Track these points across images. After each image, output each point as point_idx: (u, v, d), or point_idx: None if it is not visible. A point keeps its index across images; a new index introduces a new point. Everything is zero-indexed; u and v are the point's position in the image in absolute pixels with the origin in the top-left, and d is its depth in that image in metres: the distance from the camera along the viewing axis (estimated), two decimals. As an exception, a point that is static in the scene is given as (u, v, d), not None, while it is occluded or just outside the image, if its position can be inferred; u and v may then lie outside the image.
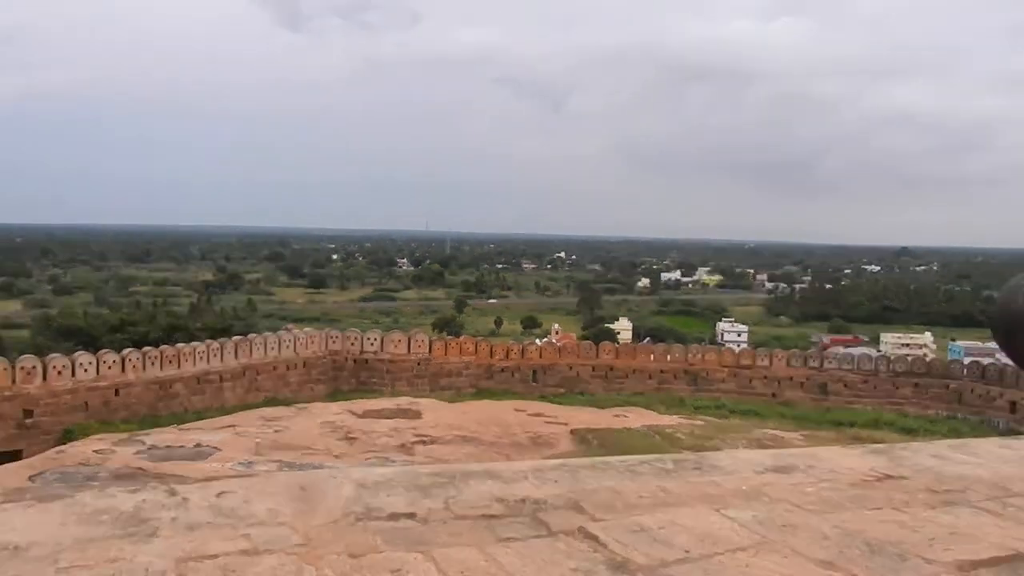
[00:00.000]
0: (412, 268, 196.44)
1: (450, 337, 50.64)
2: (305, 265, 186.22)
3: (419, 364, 42.57)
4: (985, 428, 38.04)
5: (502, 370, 43.94)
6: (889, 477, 3.69)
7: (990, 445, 4.42)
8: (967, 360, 44.77)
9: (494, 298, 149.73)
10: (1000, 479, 3.70)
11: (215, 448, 18.90)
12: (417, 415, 23.52)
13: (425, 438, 19.94)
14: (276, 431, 21.00)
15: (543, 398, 39.16)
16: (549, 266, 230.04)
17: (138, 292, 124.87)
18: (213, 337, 41.93)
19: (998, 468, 3.90)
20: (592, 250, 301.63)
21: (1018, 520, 3.13)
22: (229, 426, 22.25)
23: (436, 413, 23.96)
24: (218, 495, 3.11)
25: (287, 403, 31.36)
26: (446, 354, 43.36)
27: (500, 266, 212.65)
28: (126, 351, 35.27)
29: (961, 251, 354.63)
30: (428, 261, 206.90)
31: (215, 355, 37.68)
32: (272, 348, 40.26)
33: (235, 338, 40.25)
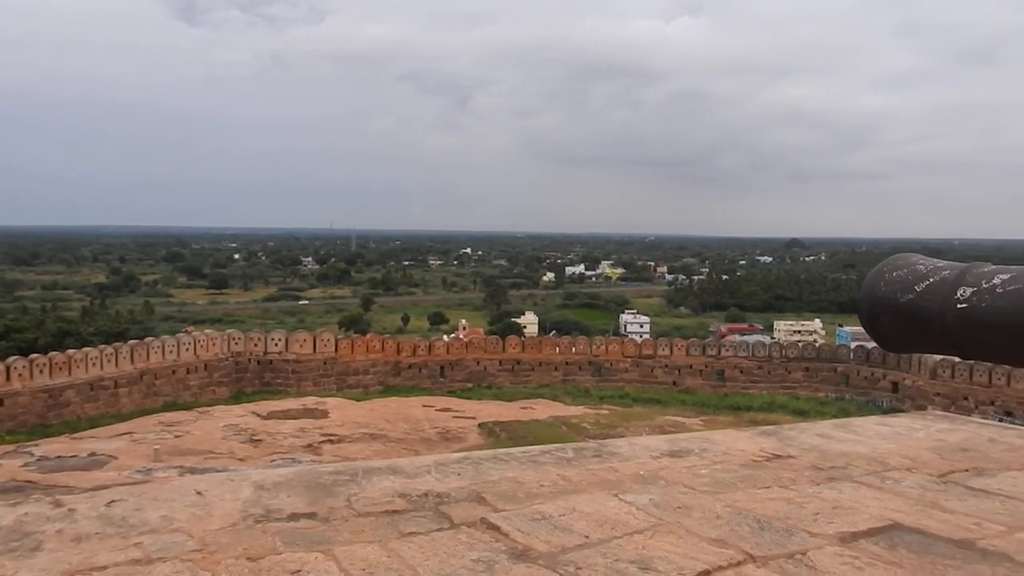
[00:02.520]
0: (317, 267, 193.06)
1: (357, 335, 50.05)
2: (205, 265, 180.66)
3: (325, 363, 41.90)
4: (870, 408, 39.96)
5: (410, 367, 43.68)
6: (777, 457, 3.84)
7: (870, 423, 4.65)
8: (853, 345, 46.94)
9: (401, 294, 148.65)
10: (878, 455, 3.89)
11: (111, 456, 18.15)
12: (324, 414, 23.14)
13: (332, 437, 19.65)
14: (176, 436, 20.33)
15: (451, 393, 39.13)
16: (455, 262, 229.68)
17: (25, 296, 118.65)
18: (107, 342, 40.27)
19: (877, 445, 4.10)
20: (498, 246, 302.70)
21: (895, 492, 3.29)
22: (126, 433, 21.42)
23: (343, 412, 23.64)
24: (108, 504, 2.99)
25: (188, 407, 30.37)
26: (353, 353, 42.81)
27: (406, 263, 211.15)
28: (11, 359, 33.57)
29: (847, 242, 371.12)
30: (333, 259, 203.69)
31: (109, 360, 36.21)
32: (171, 351, 38.95)
33: (131, 342, 38.79)
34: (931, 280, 2.08)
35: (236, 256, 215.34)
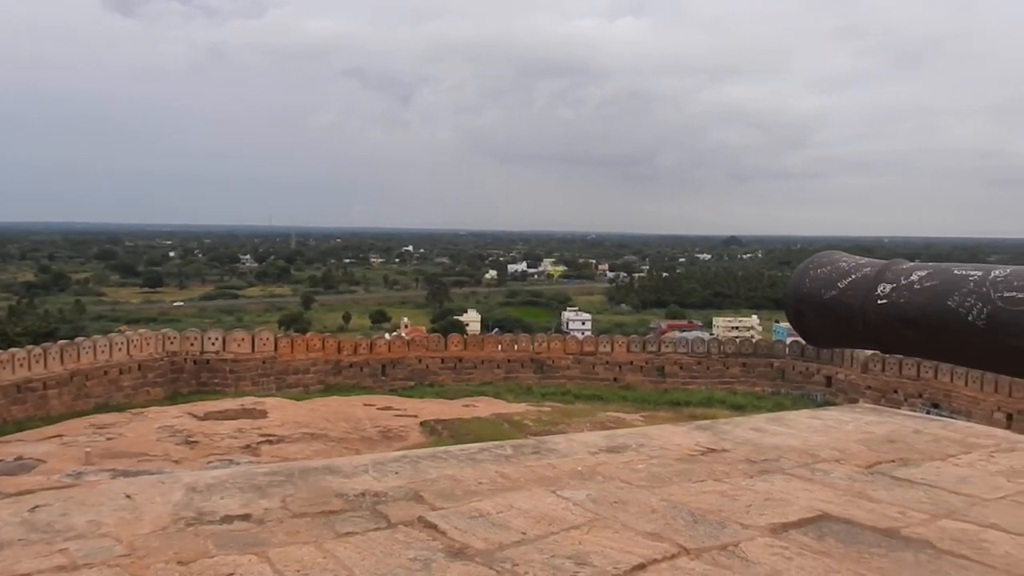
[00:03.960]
0: (256, 264, 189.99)
1: (297, 334, 49.41)
2: (140, 263, 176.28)
3: (264, 363, 41.27)
4: (805, 401, 40.94)
5: (351, 365, 43.29)
6: (713, 451, 3.90)
7: (802, 417, 4.76)
8: (789, 340, 47.90)
9: (342, 292, 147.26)
10: (809, 447, 3.99)
11: (39, 460, 17.60)
12: (263, 414, 22.79)
13: (271, 437, 19.37)
14: (109, 439, 19.81)
15: (393, 391, 38.93)
16: (397, 260, 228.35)
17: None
18: (35, 342, 39.00)
19: (808, 437, 4.20)
20: (440, 243, 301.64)
21: (824, 483, 3.38)
22: (55, 436, 20.79)
23: (283, 411, 23.32)
24: (32, 510, 2.90)
25: (121, 409, 29.62)
26: (292, 352, 42.25)
27: (348, 261, 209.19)
28: (-67, 361, 32.32)
29: (783, 239, 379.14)
30: (273, 257, 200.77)
31: (37, 361, 35.09)
32: (103, 351, 37.92)
33: (61, 342, 37.65)
34: (853, 277, 2.14)
35: (171, 254, 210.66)
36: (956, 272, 1.94)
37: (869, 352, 40.27)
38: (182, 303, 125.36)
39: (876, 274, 2.08)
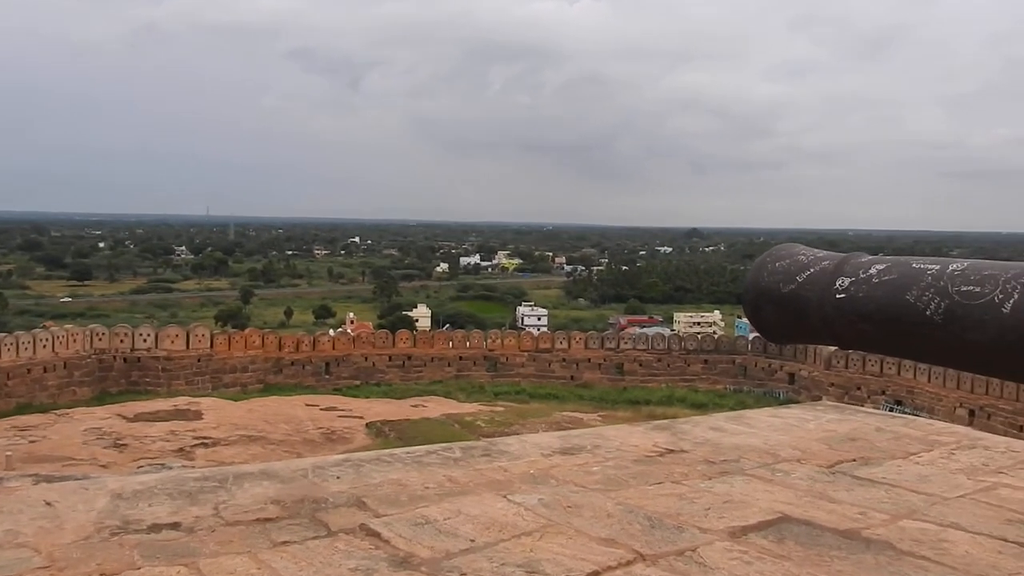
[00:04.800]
0: (191, 256, 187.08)
1: (235, 330, 48.79)
2: (67, 255, 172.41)
3: (200, 361, 40.68)
4: (767, 399, 41.61)
5: (292, 363, 42.89)
6: (671, 451, 3.93)
7: (763, 415, 4.83)
8: (752, 337, 48.52)
9: (283, 286, 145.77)
10: (770, 447, 4.05)
11: (-45, 466, 17.13)
12: (198, 416, 22.47)
13: (207, 440, 19.12)
14: (31, 441, 19.37)
15: (337, 391, 38.71)
16: (343, 252, 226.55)
17: None
18: (-49, 339, 37.96)
19: (769, 437, 4.26)
20: (388, 235, 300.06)
21: (785, 484, 3.43)
22: (-28, 440, 20.25)
23: (219, 412, 23.02)
24: (-59, 519, 2.81)
25: (45, 410, 28.97)
26: (230, 349, 41.72)
27: (290, 253, 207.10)
28: None
29: (746, 232, 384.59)
30: (210, 248, 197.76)
31: (-47, 359, 34.17)
32: (26, 348, 37.02)
33: (-21, 339, 36.68)
34: (812, 270, 2.17)
35: (101, 244, 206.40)
36: (915, 266, 1.98)
37: (832, 348, 41.09)
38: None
39: (835, 268, 2.12)
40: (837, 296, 2.05)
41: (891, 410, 35.55)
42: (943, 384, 38.52)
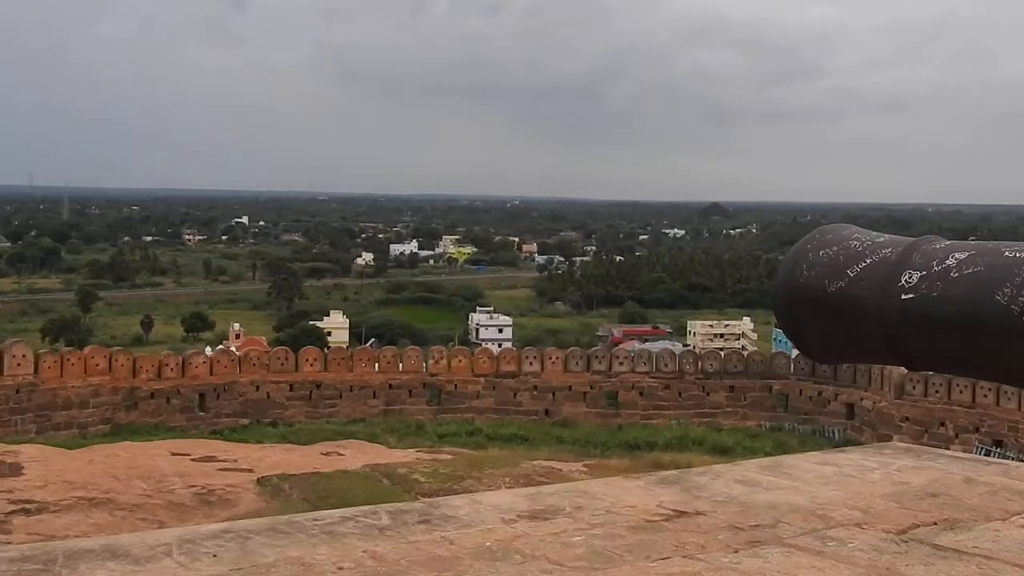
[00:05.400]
0: (8, 244, 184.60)
1: (70, 349, 48.18)
2: None
3: (19, 392, 40.16)
4: (817, 440, 41.94)
5: (153, 396, 42.47)
6: (682, 514, 3.94)
7: (809, 463, 4.86)
8: (795, 353, 48.53)
9: (140, 286, 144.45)
10: (818, 505, 4.07)
11: None
12: (15, 470, 22.18)
13: (28, 505, 18.85)
14: None
15: (216, 434, 38.32)
16: (224, 237, 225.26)
17: None
18: None
19: (817, 492, 4.29)
20: (290, 213, 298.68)
21: (839, 558, 3.45)
22: None
23: (47, 465, 22.73)
24: None
25: None
26: (63, 376, 41.21)
27: (149, 238, 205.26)
28: None
29: (785, 208, 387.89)
30: (34, 233, 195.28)
31: None
32: None
33: None
34: (868, 261, 2.18)
35: None
36: (1007, 254, 1.99)
37: (905, 369, 41.50)
38: None
39: (900, 258, 2.12)
40: (903, 296, 2.06)
41: (987, 454, 35.99)
42: (1058, 417, 39.05)
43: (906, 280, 2.05)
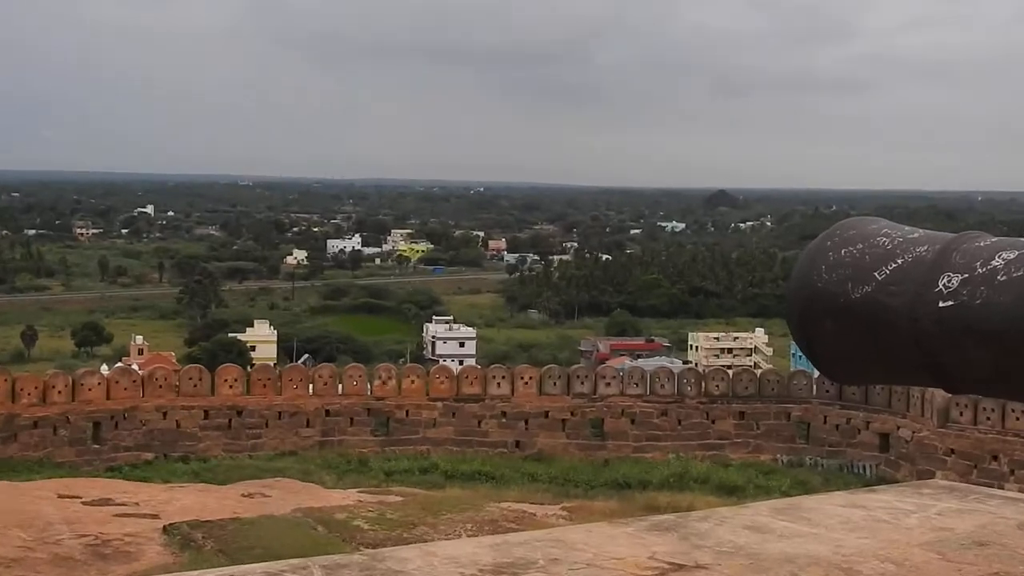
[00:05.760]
0: None
1: (-66, 367, 47.81)
2: None
3: None
4: (845, 477, 42.09)
5: (36, 424, 42.22)
6: (680, 567, 3.95)
7: (834, 505, 4.88)
8: (818, 373, 48.47)
9: (21, 290, 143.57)
10: (843, 557, 4.09)
11: None
12: None
13: None
14: None
15: (115, 471, 38.16)
16: (125, 230, 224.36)
17: None
18: None
19: (843, 540, 4.31)
20: (205, 202, 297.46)
21: (869, 622, 3.47)
22: None
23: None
24: None
25: None
26: (-75, 399, 40.94)
27: (32, 232, 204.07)
28: None
29: (807, 196, 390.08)
30: None
31: None
32: None
33: None
34: (899, 262, 2.18)
35: None
36: None
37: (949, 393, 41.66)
38: None
39: (937, 257, 2.12)
40: (940, 304, 2.06)
41: (1048, 493, 36.26)
42: None
43: (944, 284, 2.05)
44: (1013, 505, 5.02)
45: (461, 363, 69.29)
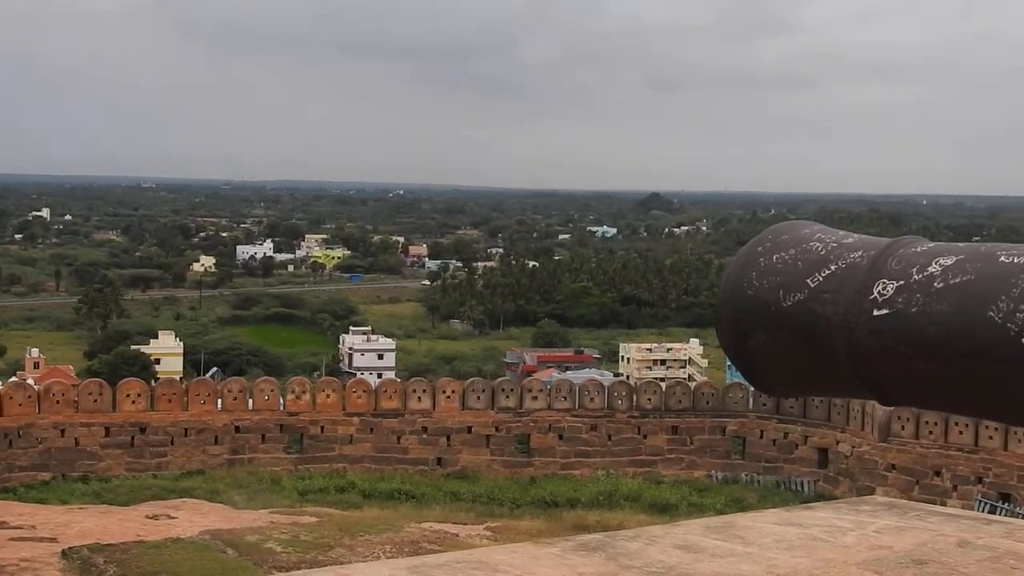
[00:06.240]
0: None
1: None
2: None
3: None
4: (783, 494, 42.37)
5: (-78, 443, 41.66)
6: (607, 589, 3.97)
7: (767, 523, 4.92)
8: (754, 384, 48.72)
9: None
10: (778, 578, 4.13)
11: None
12: None
13: None
14: None
15: (8, 492, 37.75)
16: (18, 236, 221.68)
17: None
18: None
19: (776, 559, 4.35)
20: (104, 205, 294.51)
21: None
22: None
23: None
24: None
25: None
26: None
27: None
28: None
29: (745, 199, 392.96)
30: None
31: None
32: None
33: None
34: (833, 268, 2.20)
35: None
36: (1004, 259, 2.01)
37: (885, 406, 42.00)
38: None
39: (872, 264, 2.14)
40: (875, 313, 2.08)
41: (991, 510, 36.68)
42: (1080, 463, 39.76)
43: (879, 292, 2.06)
44: (953, 522, 5.09)
45: (380, 376, 69.04)
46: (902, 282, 2.08)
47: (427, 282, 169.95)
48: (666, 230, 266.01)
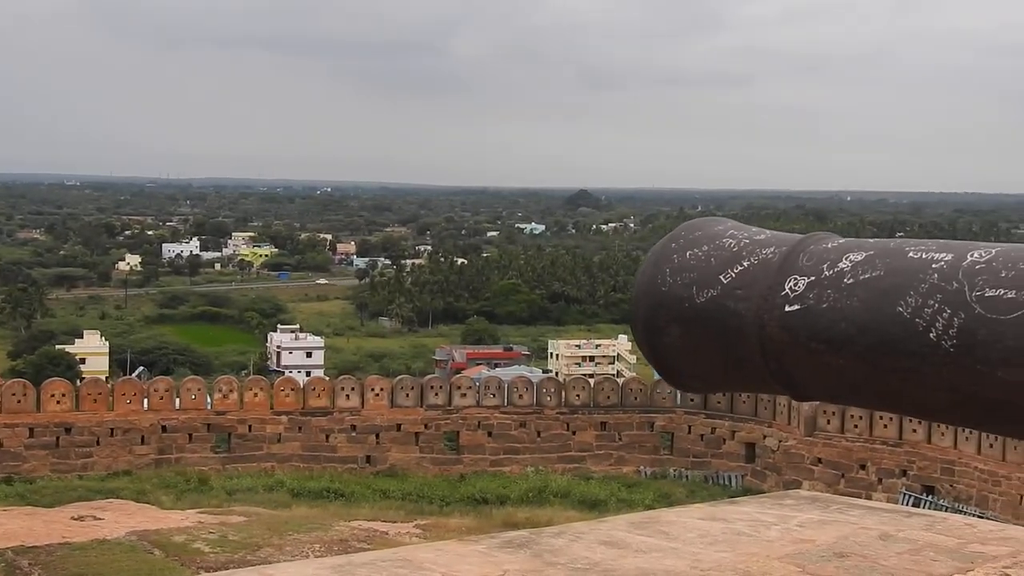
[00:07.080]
0: None
1: None
2: None
3: None
4: (711, 488, 42.63)
5: None
6: (531, 586, 3.97)
7: (692, 517, 4.95)
8: (682, 379, 48.97)
9: None
10: (702, 572, 4.15)
11: None
12: None
13: None
14: None
15: (-70, 495, 37.22)
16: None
17: None
18: None
19: (700, 554, 4.37)
20: (27, 204, 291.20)
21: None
22: None
23: None
24: None
25: None
26: None
27: None
28: None
29: (672, 196, 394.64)
30: None
31: None
32: None
33: None
34: (745, 264, 2.21)
35: None
36: (913, 255, 2.04)
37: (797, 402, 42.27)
38: None
39: (783, 260, 2.16)
40: (787, 308, 2.09)
41: (915, 503, 37.07)
42: (1002, 457, 40.10)
43: (790, 288, 2.07)
44: (875, 515, 5.13)
45: (308, 374, 68.84)
46: (813, 278, 2.10)
47: (355, 280, 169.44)
48: (594, 227, 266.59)
